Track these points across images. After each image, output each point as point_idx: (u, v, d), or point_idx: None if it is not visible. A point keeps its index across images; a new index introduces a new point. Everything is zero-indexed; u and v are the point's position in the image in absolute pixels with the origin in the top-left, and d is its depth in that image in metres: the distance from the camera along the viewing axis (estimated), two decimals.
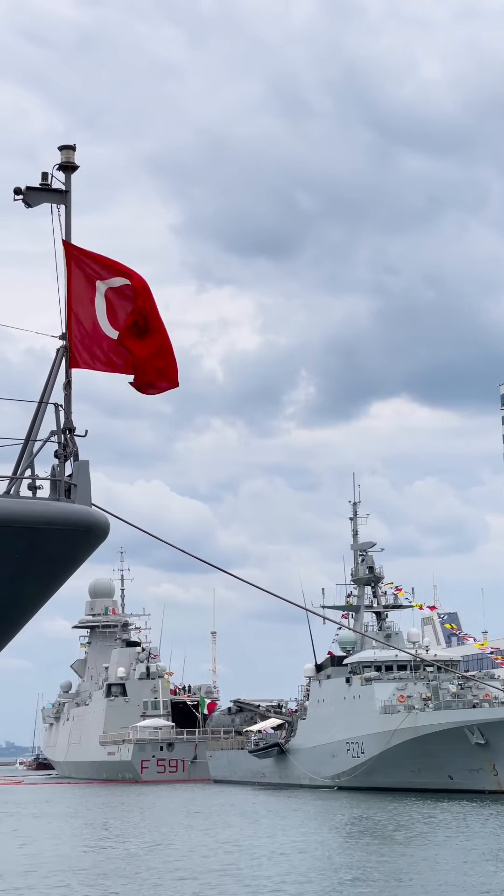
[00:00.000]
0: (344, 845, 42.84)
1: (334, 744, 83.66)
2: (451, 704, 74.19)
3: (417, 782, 73.72)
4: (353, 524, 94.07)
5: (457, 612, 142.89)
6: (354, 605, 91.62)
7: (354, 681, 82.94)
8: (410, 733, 74.21)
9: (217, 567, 19.33)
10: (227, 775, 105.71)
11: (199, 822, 56.81)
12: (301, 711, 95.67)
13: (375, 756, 77.64)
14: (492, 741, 69.28)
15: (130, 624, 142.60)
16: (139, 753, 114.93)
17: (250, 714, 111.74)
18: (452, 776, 72.18)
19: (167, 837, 49.05)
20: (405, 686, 79.05)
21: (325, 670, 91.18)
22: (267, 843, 44.39)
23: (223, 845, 44.80)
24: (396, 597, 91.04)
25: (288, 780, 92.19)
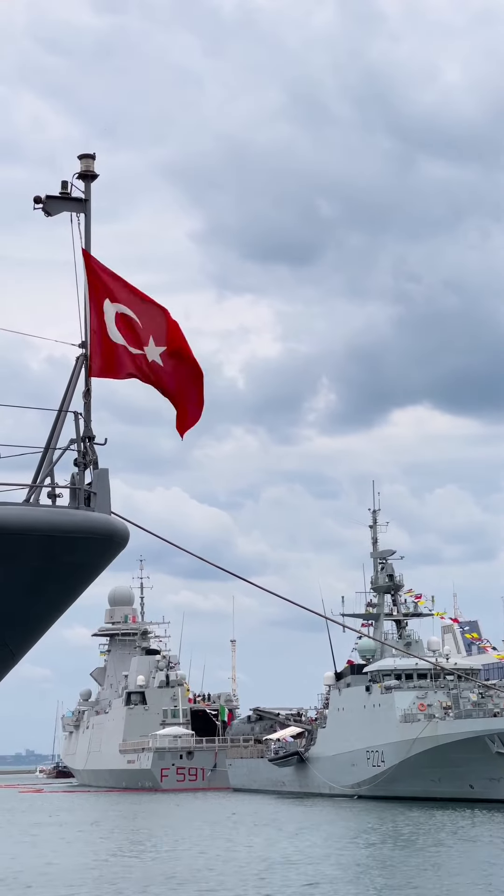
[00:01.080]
0: (362, 854, 42.70)
1: (354, 752, 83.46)
2: (471, 713, 73.92)
3: (438, 791, 73.45)
4: (373, 532, 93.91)
5: (477, 621, 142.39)
6: (374, 613, 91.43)
7: (374, 689, 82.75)
8: (431, 742, 73.96)
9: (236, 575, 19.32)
10: (246, 784, 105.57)
11: (217, 831, 56.72)
12: (321, 720, 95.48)
13: (395, 765, 77.40)
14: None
15: (150, 632, 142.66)
16: (159, 762, 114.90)
17: (270, 722, 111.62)
18: (473, 785, 71.89)
19: (181, 845, 48.98)
20: (425, 695, 78.84)
21: (345, 678, 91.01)
22: (284, 852, 44.28)
23: (240, 854, 44.72)
24: (416, 605, 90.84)
25: (308, 788, 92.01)
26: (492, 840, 46.50)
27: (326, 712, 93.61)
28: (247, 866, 40.29)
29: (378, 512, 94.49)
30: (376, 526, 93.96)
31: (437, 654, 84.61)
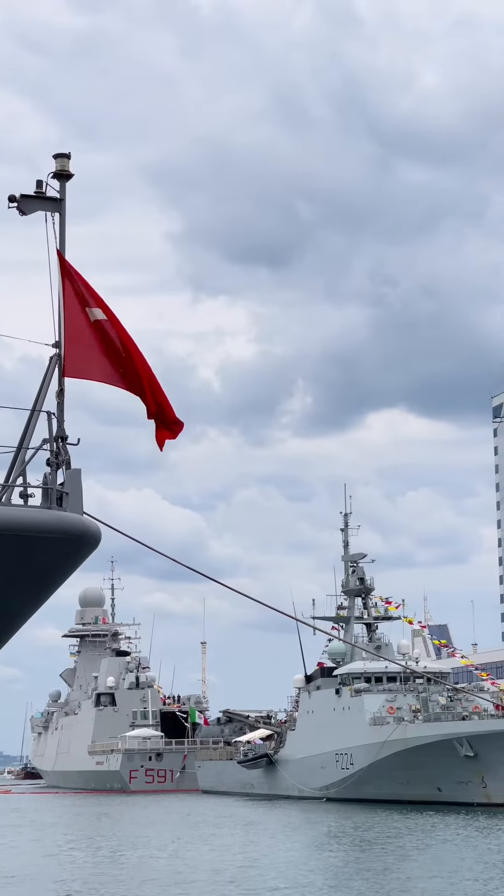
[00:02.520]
0: (328, 857, 42.76)
1: (323, 755, 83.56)
2: (440, 716, 74.16)
3: (406, 794, 73.64)
4: (345, 535, 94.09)
5: (447, 624, 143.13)
6: (345, 616, 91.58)
7: (344, 692, 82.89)
8: (400, 745, 74.15)
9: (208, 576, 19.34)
10: (215, 786, 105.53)
11: (183, 834, 56.66)
12: (290, 722, 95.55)
13: (364, 768, 77.55)
14: (481, 753, 69.23)
15: (120, 633, 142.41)
16: (127, 763, 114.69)
17: (240, 724, 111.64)
18: (441, 788, 72.11)
19: (144, 848, 48.91)
20: (395, 698, 79.03)
21: (315, 681, 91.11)
22: (249, 856, 44.27)
23: (206, 856, 44.70)
24: (387, 608, 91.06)
25: (276, 791, 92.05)
26: (457, 843, 46.67)
27: (296, 715, 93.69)
28: (210, 869, 40.28)
29: (350, 515, 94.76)
30: (348, 529, 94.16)
31: (407, 657, 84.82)
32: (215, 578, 16.91)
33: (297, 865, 40.06)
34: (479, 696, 73.39)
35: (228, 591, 15.60)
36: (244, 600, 15.70)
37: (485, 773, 69.72)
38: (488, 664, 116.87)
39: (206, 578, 18.98)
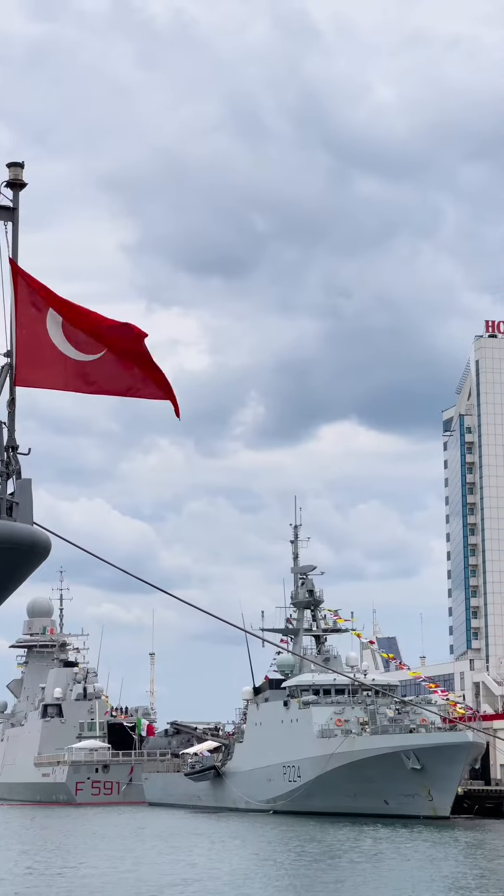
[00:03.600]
0: (273, 870, 42.68)
1: (271, 767, 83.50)
2: (388, 729, 74.35)
3: (353, 807, 73.73)
4: (294, 547, 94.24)
5: (395, 637, 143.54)
6: (294, 628, 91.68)
7: (292, 704, 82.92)
8: (347, 758, 74.25)
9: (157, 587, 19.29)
10: (162, 798, 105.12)
11: (128, 846, 56.37)
12: (238, 734, 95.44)
13: (312, 780, 77.56)
14: (428, 766, 69.51)
15: (68, 644, 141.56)
16: (74, 775, 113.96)
17: (187, 736, 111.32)
18: (388, 801, 72.27)
19: (89, 861, 48.61)
20: (343, 710, 79.15)
21: (263, 693, 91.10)
22: (193, 869, 44.12)
23: (150, 870, 44.49)
24: (335, 621, 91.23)
25: (224, 803, 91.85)
26: (403, 856, 46.77)
27: (244, 727, 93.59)
28: (154, 884, 40.07)
29: (300, 527, 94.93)
30: (297, 541, 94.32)
31: (356, 669, 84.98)
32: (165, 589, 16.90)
33: (241, 878, 39.95)
34: (426, 708, 73.68)
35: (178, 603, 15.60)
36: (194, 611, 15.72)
37: (431, 786, 69.99)
38: (436, 677, 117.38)
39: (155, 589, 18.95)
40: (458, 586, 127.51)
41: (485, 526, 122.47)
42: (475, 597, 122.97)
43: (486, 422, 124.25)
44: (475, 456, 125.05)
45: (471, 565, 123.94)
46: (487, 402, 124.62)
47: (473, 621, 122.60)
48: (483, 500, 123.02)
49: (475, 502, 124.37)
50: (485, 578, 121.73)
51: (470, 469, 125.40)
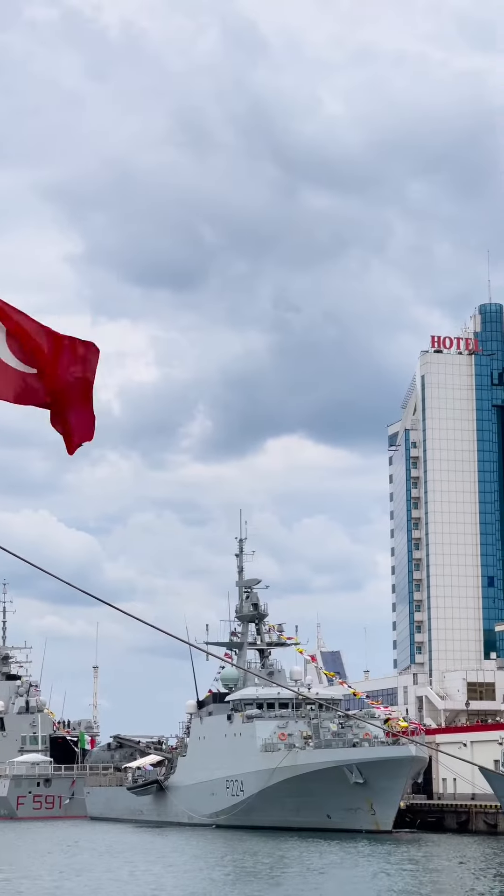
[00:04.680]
0: (206, 885, 42.50)
1: (214, 781, 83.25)
2: (331, 743, 74.38)
3: (296, 821, 73.64)
4: (239, 560, 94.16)
5: (339, 651, 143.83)
6: (238, 641, 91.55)
7: (236, 718, 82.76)
8: (290, 772, 74.17)
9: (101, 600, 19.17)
10: (104, 812, 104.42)
11: (64, 861, 55.92)
12: (181, 748, 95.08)
13: (255, 794, 77.40)
14: (370, 780, 69.61)
15: (11, 657, 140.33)
16: (15, 789, 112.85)
17: (130, 750, 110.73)
18: (331, 815, 72.28)
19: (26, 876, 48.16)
20: (286, 724, 79.09)
21: (207, 707, 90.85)
22: (133, 884, 43.85)
23: (89, 885, 44.14)
24: (279, 635, 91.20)
25: (166, 817, 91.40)
26: (343, 871, 46.77)
27: (187, 740, 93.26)
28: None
29: (245, 541, 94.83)
30: (243, 554, 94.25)
31: (299, 683, 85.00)
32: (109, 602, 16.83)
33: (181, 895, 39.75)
34: (370, 722, 73.87)
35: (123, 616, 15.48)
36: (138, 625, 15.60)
37: (374, 799, 70.09)
38: (380, 691, 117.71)
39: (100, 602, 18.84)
40: (402, 601, 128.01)
41: (429, 541, 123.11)
42: (419, 611, 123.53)
43: (431, 437, 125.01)
44: (420, 471, 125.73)
45: (415, 580, 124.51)
46: (433, 416, 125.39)
47: (417, 636, 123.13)
48: (428, 515, 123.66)
49: (420, 517, 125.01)
50: (429, 593, 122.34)
51: (415, 484, 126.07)
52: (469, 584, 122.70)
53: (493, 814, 71.89)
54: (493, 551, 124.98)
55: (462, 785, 78.66)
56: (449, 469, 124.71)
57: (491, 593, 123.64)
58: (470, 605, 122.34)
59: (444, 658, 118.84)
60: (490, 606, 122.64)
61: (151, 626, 19.63)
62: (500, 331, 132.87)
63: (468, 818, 75.46)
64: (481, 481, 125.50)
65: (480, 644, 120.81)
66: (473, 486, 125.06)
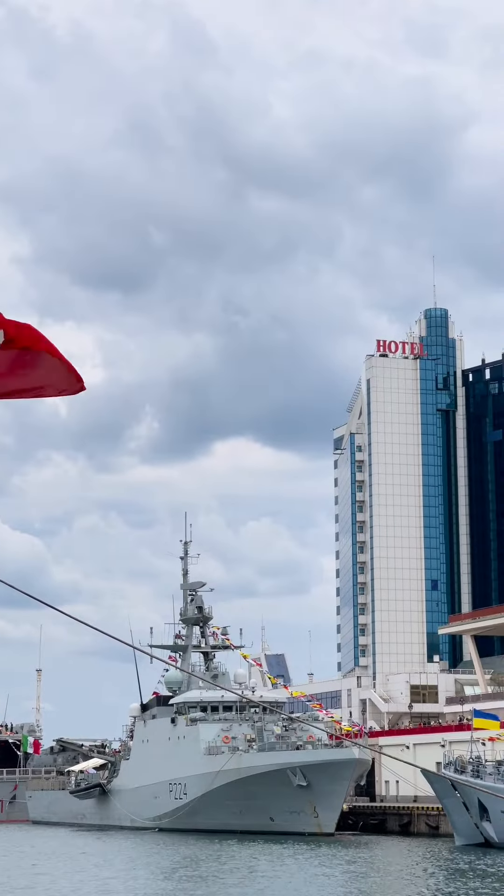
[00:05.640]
0: (144, 889, 42.37)
1: (157, 784, 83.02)
2: (274, 746, 74.47)
3: (239, 824, 73.63)
4: (184, 563, 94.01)
5: (284, 654, 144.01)
6: (182, 644, 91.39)
7: (180, 721, 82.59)
8: (234, 774, 74.16)
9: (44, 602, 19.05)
10: (46, 816, 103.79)
11: (7, 866, 55.49)
12: (125, 751, 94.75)
13: (198, 797, 77.30)
14: (314, 783, 69.75)
15: None
16: None
17: (73, 753, 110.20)
18: (274, 818, 72.33)
19: None
20: (230, 727, 79.08)
21: (151, 710, 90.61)
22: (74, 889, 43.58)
23: (28, 892, 43.82)
24: (224, 638, 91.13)
25: (109, 821, 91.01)
26: (285, 873, 46.78)
27: (131, 744, 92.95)
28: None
29: (190, 543, 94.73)
30: (187, 557, 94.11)
31: (244, 686, 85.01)
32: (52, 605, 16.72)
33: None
34: (313, 725, 73.98)
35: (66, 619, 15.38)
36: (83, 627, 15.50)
37: (316, 802, 70.22)
38: (324, 693, 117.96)
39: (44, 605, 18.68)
40: (346, 604, 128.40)
41: (374, 544, 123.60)
42: (363, 614, 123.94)
43: (376, 440, 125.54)
44: (365, 474, 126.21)
45: (359, 583, 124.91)
46: (378, 420, 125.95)
47: (361, 638, 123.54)
48: (372, 519, 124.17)
49: (364, 520, 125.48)
50: (373, 596, 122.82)
51: (360, 487, 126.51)
52: (413, 588, 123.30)
53: (434, 816, 72.33)
54: (436, 555, 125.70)
55: (404, 787, 79.07)
56: (394, 473, 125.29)
57: (434, 597, 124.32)
58: (414, 609, 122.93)
59: (387, 661, 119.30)
60: (433, 610, 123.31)
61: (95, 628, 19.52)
62: (445, 335, 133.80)
63: (410, 820, 75.86)
64: (426, 485, 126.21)
65: (424, 647, 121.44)
66: (418, 490, 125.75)
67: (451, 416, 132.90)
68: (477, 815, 60.43)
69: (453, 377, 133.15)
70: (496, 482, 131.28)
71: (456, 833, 63.08)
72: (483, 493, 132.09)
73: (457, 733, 78.20)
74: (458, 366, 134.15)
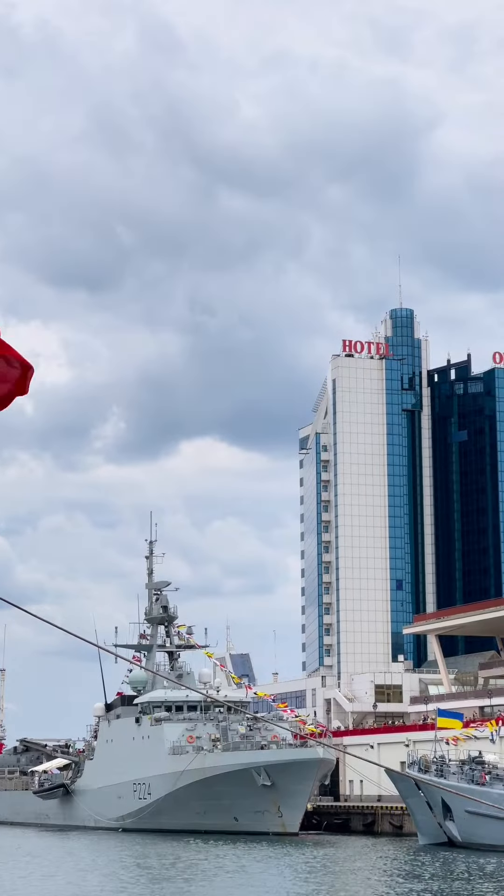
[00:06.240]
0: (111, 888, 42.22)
1: (121, 785, 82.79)
2: (239, 746, 74.42)
3: (203, 824, 73.52)
4: (149, 563, 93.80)
5: (248, 654, 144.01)
6: (147, 644, 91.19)
7: (144, 721, 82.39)
8: (198, 774, 74.05)
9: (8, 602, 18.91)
10: (9, 817, 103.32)
11: None
12: (89, 752, 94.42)
13: (162, 797, 77.13)
14: (278, 783, 69.74)
15: None
16: None
17: (37, 754, 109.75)
18: (238, 818, 72.27)
19: None
20: (195, 727, 78.97)
21: (115, 710, 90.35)
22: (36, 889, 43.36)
23: None
24: (189, 637, 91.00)
25: (73, 821, 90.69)
26: (247, 873, 46.72)
27: (95, 744, 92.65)
28: None
29: (155, 543, 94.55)
30: (152, 557, 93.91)
31: (208, 686, 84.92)
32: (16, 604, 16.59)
33: None
34: (278, 725, 74.03)
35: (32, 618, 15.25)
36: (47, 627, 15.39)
37: (281, 802, 70.23)
38: (288, 693, 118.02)
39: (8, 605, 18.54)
40: (311, 603, 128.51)
41: (339, 544, 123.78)
42: (328, 614, 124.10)
43: (341, 440, 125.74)
44: (330, 474, 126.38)
45: (324, 583, 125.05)
46: (343, 420, 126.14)
47: (326, 638, 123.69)
48: (338, 518, 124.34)
49: (330, 520, 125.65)
50: (338, 596, 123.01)
51: (325, 487, 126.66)
52: (378, 588, 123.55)
53: (398, 815, 72.52)
54: (401, 555, 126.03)
55: (368, 787, 79.24)
56: (359, 473, 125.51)
57: (399, 596, 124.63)
58: (378, 609, 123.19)
59: (352, 661, 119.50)
60: (398, 609, 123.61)
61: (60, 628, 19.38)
62: (410, 336, 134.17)
63: (374, 820, 76.04)
64: (391, 485, 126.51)
65: (388, 647, 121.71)
66: (383, 490, 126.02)
67: (416, 416, 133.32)
68: (440, 815, 60.63)
69: (419, 377, 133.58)
70: (461, 482, 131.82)
71: (419, 832, 63.26)
72: (448, 494, 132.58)
73: (421, 733, 78.45)
74: (424, 366, 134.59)
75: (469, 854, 54.82)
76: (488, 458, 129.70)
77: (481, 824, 57.84)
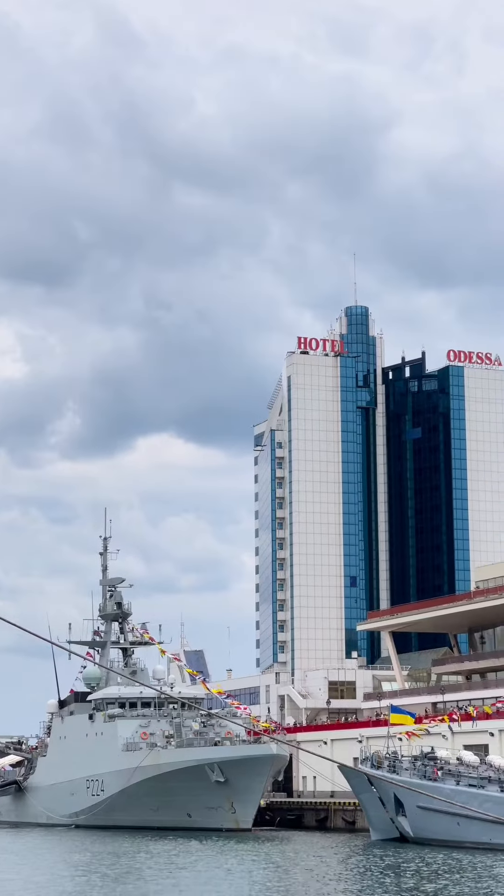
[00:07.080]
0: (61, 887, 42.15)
1: (74, 781, 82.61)
2: (192, 742, 74.47)
3: (156, 820, 73.55)
4: (103, 559, 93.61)
5: (202, 650, 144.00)
6: (101, 640, 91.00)
7: (98, 717, 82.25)
8: (152, 771, 74.04)
9: None
10: None
11: None
12: (41, 748, 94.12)
13: (115, 794, 77.05)
14: (231, 779, 69.88)
15: None
16: None
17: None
18: (191, 814, 72.35)
19: None
20: (149, 723, 78.95)
21: (69, 706, 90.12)
22: None
23: None
24: (143, 634, 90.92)
25: (24, 818, 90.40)
26: (197, 870, 46.77)
27: (48, 740, 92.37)
28: None
29: (110, 539, 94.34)
30: (107, 553, 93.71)
31: (162, 682, 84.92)
32: None
33: None
34: (232, 721, 74.17)
35: None
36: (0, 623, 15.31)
37: (234, 798, 70.39)
38: (242, 690, 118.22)
39: None
40: (265, 600, 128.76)
41: (293, 540, 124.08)
42: (282, 611, 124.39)
43: (296, 437, 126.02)
44: (285, 471, 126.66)
45: (278, 579, 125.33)
46: (298, 417, 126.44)
47: (280, 635, 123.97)
48: (292, 515, 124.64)
49: (284, 517, 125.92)
50: (292, 592, 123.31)
51: (280, 484, 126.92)
52: (332, 584, 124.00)
53: (351, 811, 72.88)
54: (355, 552, 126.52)
55: (322, 783, 79.53)
56: (313, 470, 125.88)
57: (353, 593, 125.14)
58: (332, 605, 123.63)
59: (306, 657, 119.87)
60: (352, 606, 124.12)
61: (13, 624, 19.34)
62: (365, 333, 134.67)
63: (327, 815, 76.38)
64: (345, 482, 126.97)
65: (342, 643, 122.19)
66: (337, 487, 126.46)
67: (370, 413, 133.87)
68: (393, 810, 60.98)
69: (373, 375, 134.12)
70: (415, 480, 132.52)
71: (372, 828, 63.60)
72: (402, 491, 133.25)
73: (374, 729, 78.87)
74: (379, 364, 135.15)
75: (420, 849, 55.18)
76: (442, 455, 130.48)
77: (433, 820, 58.25)
